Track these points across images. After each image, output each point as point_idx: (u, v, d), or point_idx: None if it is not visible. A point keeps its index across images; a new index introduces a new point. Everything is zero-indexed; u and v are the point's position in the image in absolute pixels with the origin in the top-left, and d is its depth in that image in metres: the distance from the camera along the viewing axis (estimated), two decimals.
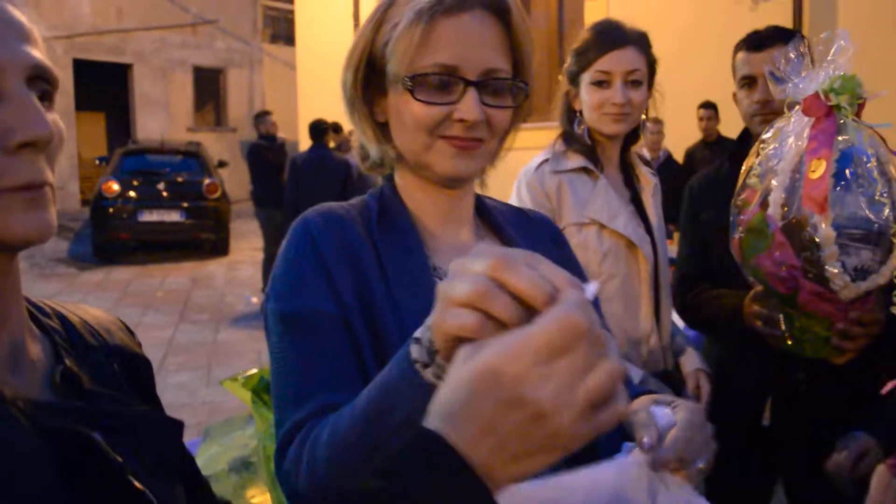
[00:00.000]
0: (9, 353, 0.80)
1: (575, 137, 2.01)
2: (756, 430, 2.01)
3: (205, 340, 7.02)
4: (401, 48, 0.99)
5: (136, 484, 0.77)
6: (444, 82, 0.99)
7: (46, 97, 0.76)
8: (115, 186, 10.82)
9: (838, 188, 1.41)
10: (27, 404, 0.74)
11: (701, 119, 6.80)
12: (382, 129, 1.10)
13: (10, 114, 0.70)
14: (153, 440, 0.85)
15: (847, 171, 1.42)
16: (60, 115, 0.89)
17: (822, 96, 1.44)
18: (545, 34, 8.47)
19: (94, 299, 8.69)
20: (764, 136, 1.58)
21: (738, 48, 2.05)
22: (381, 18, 1.04)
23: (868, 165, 1.42)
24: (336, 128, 9.50)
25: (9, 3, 0.76)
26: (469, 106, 0.99)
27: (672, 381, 1.99)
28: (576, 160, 1.98)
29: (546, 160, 2.00)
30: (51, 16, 15.39)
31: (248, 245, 12.11)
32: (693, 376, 2.04)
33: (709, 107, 6.77)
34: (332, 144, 8.90)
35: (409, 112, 1.02)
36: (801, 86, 1.48)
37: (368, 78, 1.07)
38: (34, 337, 0.85)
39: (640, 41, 1.95)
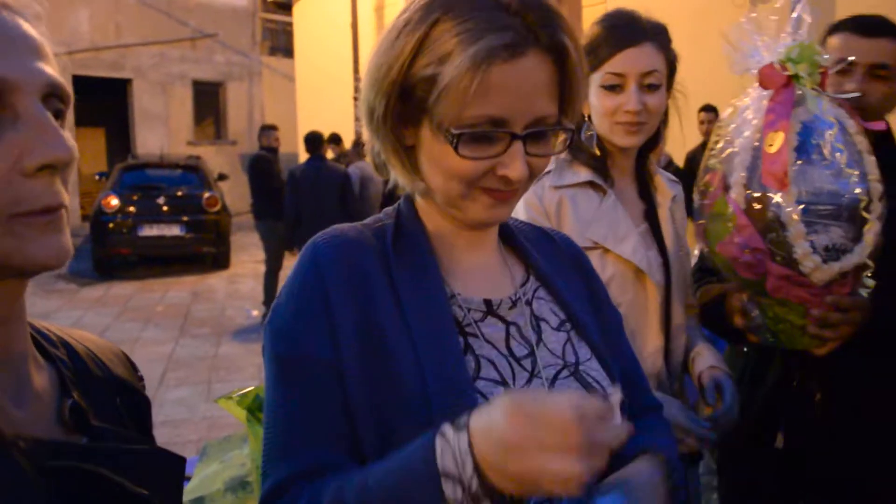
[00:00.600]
0: (14, 385, 0.76)
1: (581, 146, 1.75)
2: (768, 454, 1.87)
3: (205, 355, 6.96)
4: (452, 98, 0.89)
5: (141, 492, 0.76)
6: (490, 135, 0.91)
7: (60, 115, 0.74)
8: (115, 201, 10.81)
9: (800, 162, 1.32)
10: (29, 443, 0.71)
11: (702, 122, 6.77)
12: (409, 154, 1.00)
13: (27, 135, 0.67)
14: (156, 477, 0.83)
15: (809, 144, 1.33)
16: None
17: (777, 66, 1.37)
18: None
19: (94, 315, 8.65)
20: (722, 116, 1.51)
21: (834, 31, 1.81)
22: (422, 40, 0.91)
23: (830, 135, 1.33)
24: (335, 139, 9.49)
25: (21, 17, 0.73)
26: (515, 163, 0.92)
27: None
28: (581, 173, 1.73)
29: (547, 172, 1.75)
30: (49, 32, 15.44)
31: (249, 258, 12.08)
32: (708, 375, 1.74)
33: (710, 110, 6.75)
34: (330, 155, 8.89)
35: (448, 162, 0.94)
36: (755, 57, 1.40)
37: (398, 102, 0.96)
38: (39, 367, 0.82)
39: (659, 36, 1.70)
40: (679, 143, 6.84)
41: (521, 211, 1.68)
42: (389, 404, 0.90)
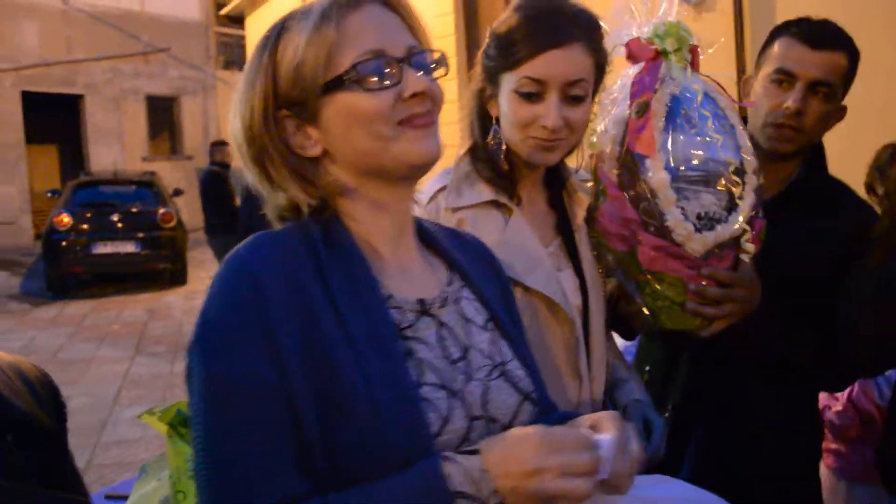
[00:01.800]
0: None
1: (485, 157, 1.52)
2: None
3: (161, 372, 6.89)
4: (321, 54, 0.96)
5: None
6: (378, 67, 0.97)
7: None
8: (67, 219, 10.65)
9: (669, 130, 1.32)
10: None
11: None
12: (310, 166, 1.02)
13: None
14: None
15: (677, 113, 1.33)
16: (10, 148, 0.87)
17: (643, 41, 1.38)
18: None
19: (48, 335, 8.50)
20: (595, 99, 1.46)
21: (782, 33, 1.68)
22: (274, 48, 1.00)
23: (696, 104, 1.34)
24: None
25: None
26: (413, 78, 0.98)
27: None
28: (482, 192, 1.50)
29: (443, 188, 1.51)
30: None
31: (206, 274, 11.95)
32: (635, 409, 1.59)
33: None
34: None
35: (358, 109, 0.97)
36: (623, 35, 1.41)
37: (282, 118, 1.00)
38: None
39: (590, 35, 1.43)
40: None
41: None
42: (338, 421, 0.88)
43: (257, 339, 0.88)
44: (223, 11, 13.61)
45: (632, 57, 1.39)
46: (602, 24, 1.46)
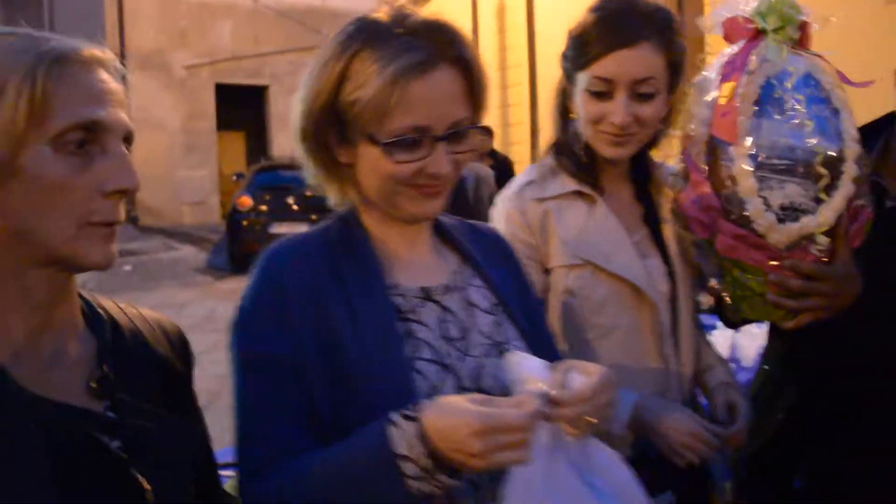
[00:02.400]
0: (51, 353, 0.94)
1: (567, 151, 1.58)
2: (785, 494, 1.71)
3: None
4: (376, 112, 1.05)
5: (140, 479, 0.90)
6: (413, 144, 1.07)
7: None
8: (248, 201, 11.48)
9: (757, 115, 1.26)
10: (46, 403, 0.88)
11: None
12: (344, 171, 1.15)
13: (111, 165, 0.89)
14: (168, 448, 0.97)
15: (771, 97, 1.27)
16: (204, 135, 1.10)
17: (741, 20, 1.32)
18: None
19: (227, 306, 9.16)
20: (697, 77, 1.42)
21: None
22: (343, 72, 1.07)
23: (789, 86, 1.27)
24: None
25: (107, 72, 0.93)
26: (440, 161, 1.08)
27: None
28: (566, 183, 1.56)
29: (530, 182, 1.59)
30: (196, 45, 16.61)
31: None
32: (721, 391, 1.59)
33: None
34: None
35: (383, 168, 1.08)
36: (724, 13, 1.35)
37: (329, 126, 1.11)
38: (81, 338, 0.98)
39: (662, 32, 1.47)
40: None
41: (501, 225, 1.55)
42: (343, 388, 1.05)
43: (278, 327, 1.07)
44: (398, 3, 14.10)
45: (728, 36, 1.35)
46: (676, 22, 1.48)
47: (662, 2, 1.52)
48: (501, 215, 1.58)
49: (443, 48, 1.07)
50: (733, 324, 1.76)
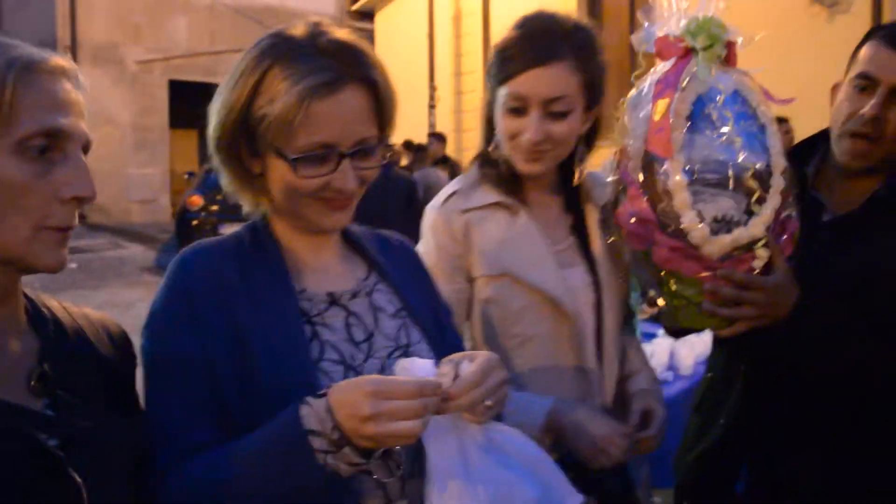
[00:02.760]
0: None
1: (491, 163, 1.61)
2: (727, 500, 1.75)
3: None
4: (283, 129, 1.08)
5: (75, 477, 0.90)
6: (319, 160, 1.11)
7: None
8: (199, 200, 11.34)
9: (689, 131, 1.31)
10: None
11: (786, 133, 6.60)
12: (256, 181, 1.18)
13: (70, 172, 0.93)
14: (107, 447, 0.97)
15: (702, 114, 1.31)
16: (156, 132, 1.12)
17: (672, 39, 1.36)
18: (616, 49, 8.45)
19: None
20: (630, 93, 1.45)
21: (870, 37, 1.60)
22: (256, 86, 1.10)
23: (719, 103, 1.31)
24: (408, 145, 9.70)
25: (70, 82, 0.96)
26: (346, 176, 1.12)
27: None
28: (488, 194, 1.59)
29: (455, 192, 1.62)
30: (150, 40, 16.33)
31: None
32: (640, 398, 1.63)
33: (786, 122, 6.61)
34: (403, 162, 9.10)
35: (289, 181, 1.12)
36: (654, 31, 1.39)
37: (241, 138, 1.14)
38: (23, 336, 0.99)
39: (579, 52, 1.49)
40: None
41: (429, 235, 1.59)
42: (252, 389, 1.08)
43: (187, 329, 1.09)
44: (354, 7, 14.08)
45: (660, 54, 1.39)
46: (596, 41, 1.52)
47: (617, 15, 1.56)
48: (429, 225, 1.61)
49: (351, 68, 1.11)
50: (675, 332, 1.81)
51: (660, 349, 3.12)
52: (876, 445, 1.60)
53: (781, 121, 6.51)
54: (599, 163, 1.62)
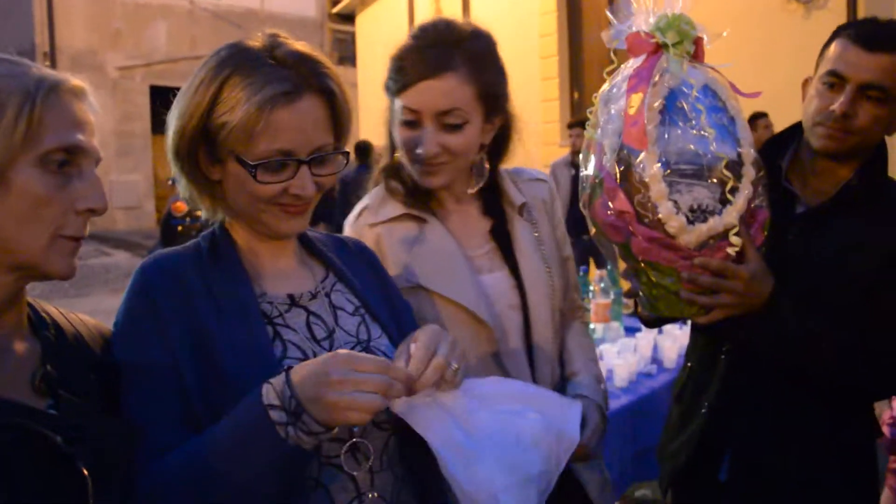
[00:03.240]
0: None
1: (396, 174, 1.59)
2: (711, 487, 1.77)
3: None
4: (242, 135, 1.11)
5: (84, 471, 0.94)
6: (277, 167, 1.13)
7: None
8: (184, 206, 11.28)
9: (663, 124, 1.33)
10: None
11: (766, 128, 6.61)
12: (215, 188, 1.21)
13: (85, 187, 1.00)
14: (106, 446, 1.01)
15: (674, 107, 1.34)
16: (138, 138, 1.17)
17: (644, 35, 1.38)
18: (596, 47, 8.50)
19: None
20: (602, 89, 1.46)
21: (839, 35, 1.63)
22: (215, 95, 1.12)
23: (692, 96, 1.34)
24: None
25: (84, 103, 1.03)
26: (303, 182, 1.15)
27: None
28: (396, 206, 1.57)
29: (365, 207, 1.62)
30: (130, 46, 16.26)
31: None
32: None
33: (763, 116, 6.65)
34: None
35: (250, 187, 1.14)
36: (624, 28, 1.41)
37: (200, 145, 1.16)
38: (27, 340, 1.05)
39: (471, 62, 1.46)
40: None
41: None
42: (217, 388, 1.10)
43: (151, 334, 1.12)
44: (335, 9, 14.07)
45: (631, 50, 1.41)
46: (493, 49, 1.50)
47: (597, 12, 1.53)
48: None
49: (309, 78, 1.14)
50: (650, 322, 1.83)
51: (643, 342, 3.16)
52: (849, 432, 1.65)
53: (761, 115, 6.61)
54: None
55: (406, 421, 1.06)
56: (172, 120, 1.18)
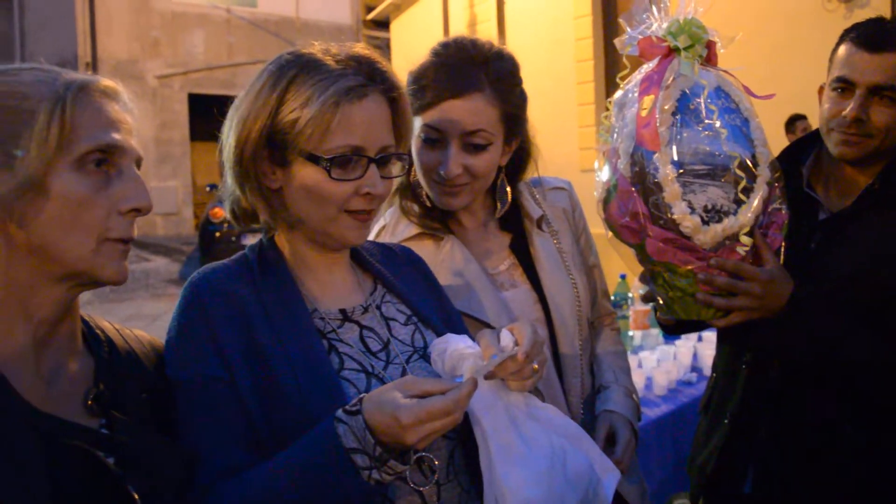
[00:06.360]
0: (52, 369, 0.99)
1: (412, 194, 1.56)
2: (737, 500, 1.76)
3: None
4: (316, 130, 1.10)
5: (133, 493, 0.92)
6: (350, 162, 1.13)
7: None
8: (222, 212, 11.44)
9: (676, 125, 1.33)
10: (44, 417, 0.92)
11: (803, 130, 6.53)
12: (273, 198, 1.18)
13: (127, 186, 0.98)
14: (156, 465, 1.00)
15: (687, 109, 1.34)
16: (177, 145, 1.15)
17: (656, 40, 1.39)
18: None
19: None
20: (617, 94, 1.46)
21: (844, 39, 1.62)
22: (284, 93, 1.12)
23: (704, 97, 1.34)
24: None
25: (119, 103, 1.01)
26: (374, 180, 1.15)
27: None
28: (412, 226, 1.55)
29: (384, 226, 1.61)
30: (169, 54, 16.53)
31: None
32: (604, 419, 1.55)
33: (802, 119, 6.55)
34: None
35: (321, 188, 1.13)
36: (636, 34, 1.42)
37: (264, 150, 1.15)
38: (80, 357, 1.04)
39: (496, 82, 1.44)
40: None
41: None
42: (276, 406, 1.09)
43: (207, 350, 1.10)
44: (370, 16, 14.15)
45: (643, 55, 1.41)
46: (517, 71, 1.48)
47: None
48: None
49: (373, 76, 1.15)
50: (670, 328, 1.80)
51: (683, 350, 3.11)
52: (874, 442, 1.61)
53: (800, 117, 6.51)
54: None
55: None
56: (232, 130, 1.16)
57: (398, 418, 0.96)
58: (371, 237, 1.61)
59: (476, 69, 1.43)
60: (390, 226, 1.60)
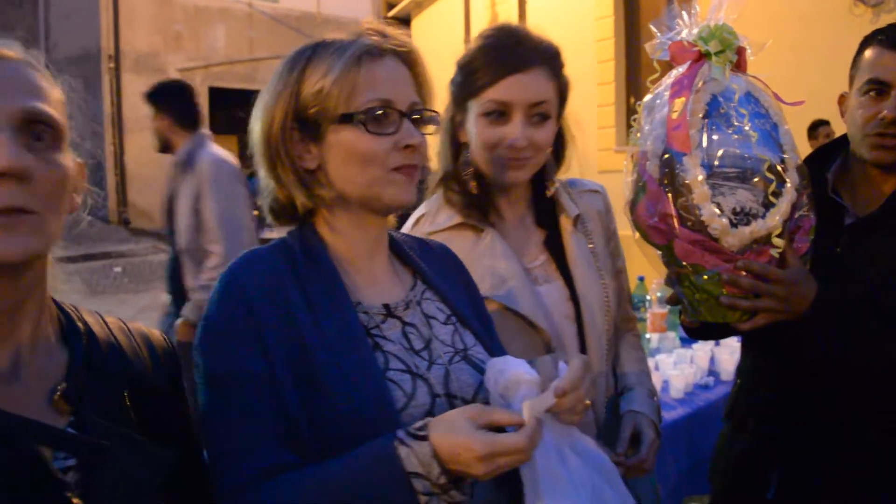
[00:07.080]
0: (9, 364, 0.91)
1: (456, 182, 1.59)
2: None
3: None
4: (342, 91, 1.11)
5: (74, 501, 0.84)
6: (384, 115, 1.13)
7: (43, 139, 0.89)
8: None
9: (706, 128, 1.34)
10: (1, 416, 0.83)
11: (826, 137, 6.45)
12: (310, 179, 1.17)
13: (402, 131, 1.08)
14: (128, 468, 0.91)
15: (717, 112, 1.35)
16: None
17: (687, 44, 1.40)
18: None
19: None
20: (646, 97, 1.47)
21: (870, 43, 1.63)
22: (302, 71, 1.14)
23: (734, 101, 1.35)
24: None
25: (28, 67, 0.91)
26: (411, 132, 1.14)
27: None
28: (453, 215, 1.58)
29: (423, 215, 1.62)
30: (190, 48, 16.62)
31: None
32: (628, 420, 1.59)
33: (825, 124, 6.48)
34: None
35: (362, 147, 1.13)
36: (665, 40, 1.43)
37: (293, 130, 1.15)
38: (51, 352, 0.95)
39: (551, 61, 1.53)
40: None
41: None
42: (318, 403, 1.06)
43: (248, 342, 1.06)
44: (391, 13, 14.17)
45: (674, 59, 1.42)
46: (560, 54, 1.54)
47: (655, 14, 1.54)
48: None
49: (387, 41, 1.17)
50: (694, 332, 1.80)
51: (700, 354, 3.09)
52: None
53: (823, 123, 6.44)
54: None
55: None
56: (257, 119, 1.17)
57: (473, 450, 0.95)
58: (410, 224, 1.64)
59: (531, 47, 1.52)
60: (430, 214, 1.62)
